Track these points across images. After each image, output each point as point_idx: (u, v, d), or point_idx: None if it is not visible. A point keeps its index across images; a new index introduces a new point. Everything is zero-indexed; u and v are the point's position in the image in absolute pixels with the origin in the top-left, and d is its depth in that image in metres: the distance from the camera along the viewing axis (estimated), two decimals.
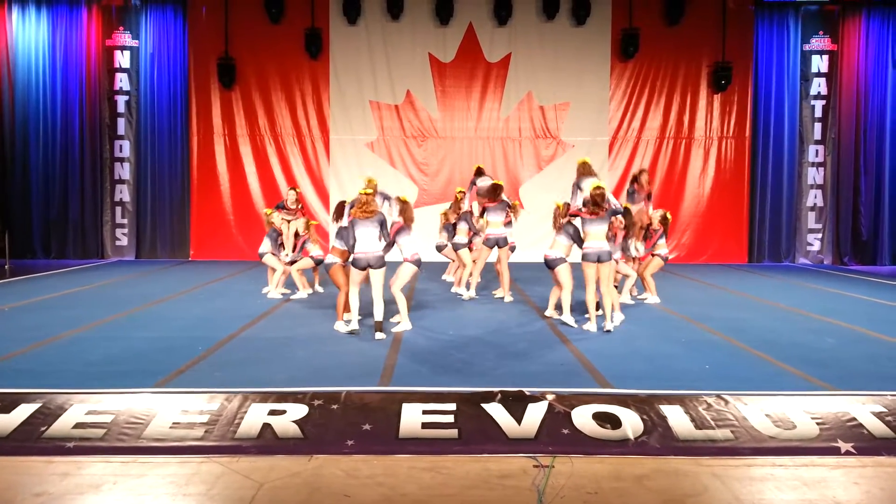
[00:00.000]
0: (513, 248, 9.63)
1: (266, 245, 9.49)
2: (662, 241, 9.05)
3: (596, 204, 7.35)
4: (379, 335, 6.99)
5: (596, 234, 7.36)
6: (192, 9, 14.48)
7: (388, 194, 8.56)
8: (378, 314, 7.14)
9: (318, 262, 9.45)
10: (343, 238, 7.35)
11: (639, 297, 9.42)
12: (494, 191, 9.23)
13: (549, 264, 7.70)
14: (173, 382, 5.25)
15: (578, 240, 7.59)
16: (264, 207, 14.48)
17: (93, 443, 4.12)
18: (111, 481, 3.72)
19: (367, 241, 7.05)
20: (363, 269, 7.10)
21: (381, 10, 14.46)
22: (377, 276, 7.12)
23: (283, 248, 9.61)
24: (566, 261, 7.66)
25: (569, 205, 7.89)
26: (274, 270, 9.55)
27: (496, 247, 9.20)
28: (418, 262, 7.40)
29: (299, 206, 10.08)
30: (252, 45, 14.44)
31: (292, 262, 9.55)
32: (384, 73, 14.69)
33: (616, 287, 9.28)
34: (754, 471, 3.91)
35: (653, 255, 9.06)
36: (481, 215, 9.48)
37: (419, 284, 10.80)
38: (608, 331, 7.28)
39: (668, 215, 9.18)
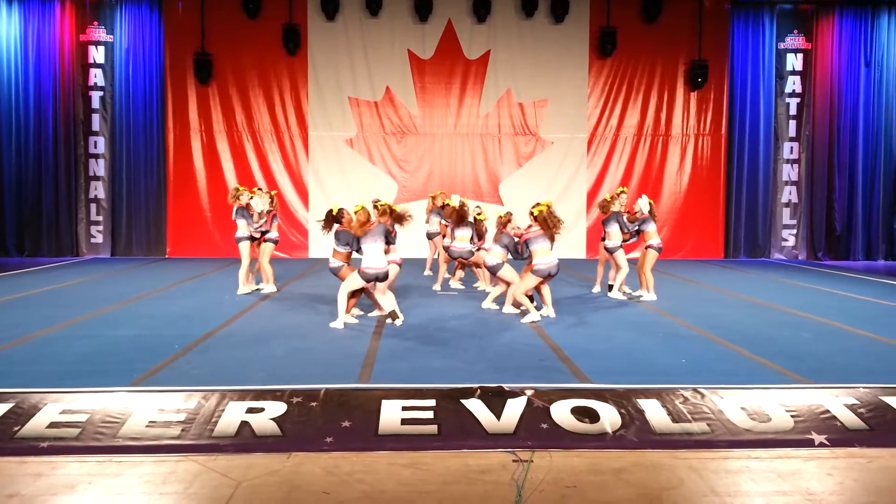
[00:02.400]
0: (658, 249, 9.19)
1: (243, 228, 9.21)
2: (653, 230, 9.06)
3: (544, 221, 7.60)
4: (398, 321, 7.38)
5: (544, 251, 7.64)
6: (168, 4, 14.31)
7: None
8: (389, 305, 7.46)
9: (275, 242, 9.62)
10: (343, 240, 7.47)
11: (633, 294, 9.26)
12: (459, 216, 9.17)
13: (491, 270, 8.05)
14: (149, 381, 5.19)
15: (514, 251, 7.82)
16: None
17: (67, 442, 4.06)
18: (86, 481, 3.67)
19: (375, 256, 7.21)
20: (369, 281, 7.28)
21: (359, 5, 14.39)
22: (382, 284, 7.43)
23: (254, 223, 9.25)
24: (505, 263, 7.94)
25: (511, 213, 8.06)
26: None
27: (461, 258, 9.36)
28: (400, 263, 7.85)
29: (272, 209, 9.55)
30: (229, 40, 14.30)
31: (262, 235, 9.39)
32: (363, 69, 14.63)
33: (611, 286, 9.30)
34: (730, 463, 3.95)
35: (646, 248, 9.04)
36: (452, 234, 9.34)
37: (399, 281, 10.78)
38: (549, 316, 7.86)
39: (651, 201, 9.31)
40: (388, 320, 7.47)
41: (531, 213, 7.78)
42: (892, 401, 4.65)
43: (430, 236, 10.96)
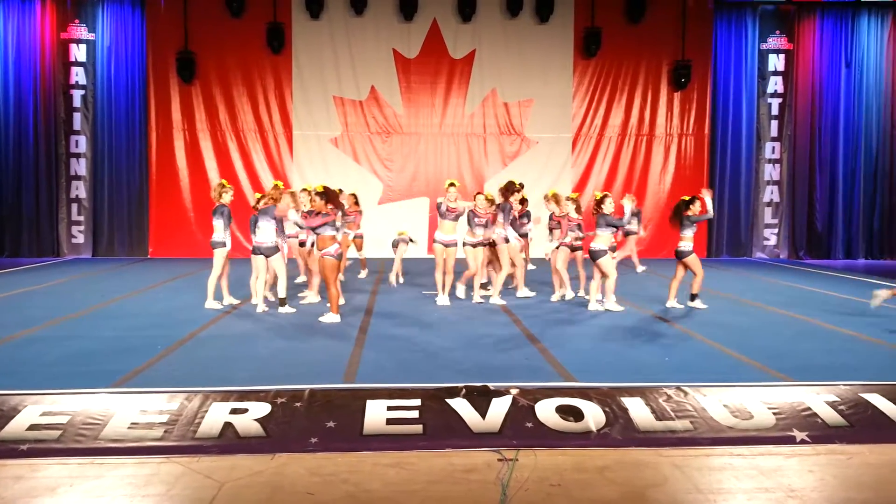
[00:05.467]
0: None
1: (220, 232, 8.21)
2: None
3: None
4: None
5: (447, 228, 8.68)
6: (151, 1, 14.19)
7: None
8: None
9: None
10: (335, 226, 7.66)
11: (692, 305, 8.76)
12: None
13: (594, 256, 8.26)
14: (132, 382, 5.15)
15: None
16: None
17: (48, 444, 4.02)
18: (67, 483, 3.63)
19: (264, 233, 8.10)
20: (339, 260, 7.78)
21: (344, 4, 14.35)
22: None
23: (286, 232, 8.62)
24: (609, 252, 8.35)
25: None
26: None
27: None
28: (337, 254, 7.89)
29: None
30: (212, 39, 14.21)
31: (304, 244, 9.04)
32: (348, 68, 14.59)
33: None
34: (713, 460, 3.98)
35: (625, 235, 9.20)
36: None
37: (385, 281, 10.77)
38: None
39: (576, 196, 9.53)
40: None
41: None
42: (871, 398, 4.70)
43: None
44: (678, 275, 8.67)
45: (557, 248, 9.10)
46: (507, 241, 8.88)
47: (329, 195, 7.63)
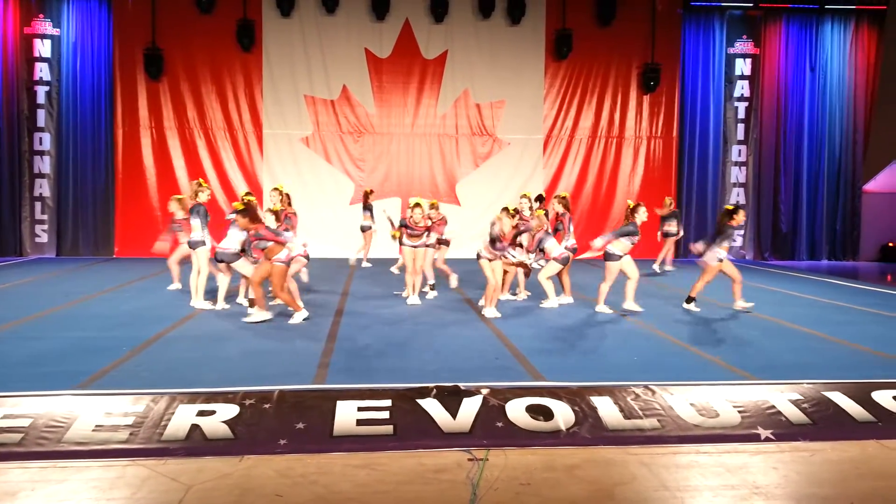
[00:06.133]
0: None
1: (198, 231, 8.21)
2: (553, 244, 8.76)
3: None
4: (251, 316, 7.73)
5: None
6: None
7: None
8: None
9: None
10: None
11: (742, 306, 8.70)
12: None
13: (609, 258, 8.44)
14: (96, 384, 5.05)
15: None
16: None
17: (8, 448, 3.92)
18: (28, 488, 3.55)
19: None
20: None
21: (315, 3, 14.27)
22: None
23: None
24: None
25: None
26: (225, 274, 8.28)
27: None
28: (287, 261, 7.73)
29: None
30: (181, 35, 14.01)
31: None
32: (319, 67, 14.50)
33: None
34: (680, 458, 4.04)
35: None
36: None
37: (356, 282, 10.72)
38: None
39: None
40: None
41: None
42: (834, 396, 4.81)
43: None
44: (705, 278, 8.51)
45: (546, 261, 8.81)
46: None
47: (250, 212, 7.54)
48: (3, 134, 13.82)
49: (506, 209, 8.04)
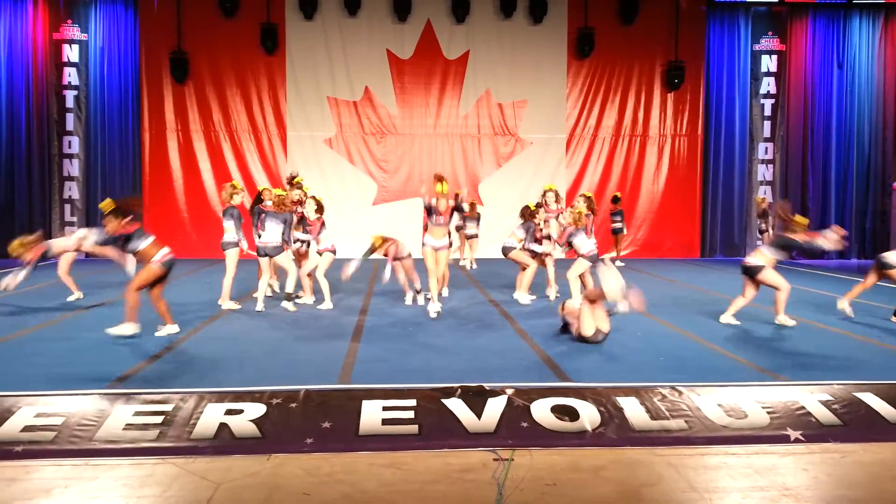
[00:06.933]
0: None
1: (231, 233, 8.28)
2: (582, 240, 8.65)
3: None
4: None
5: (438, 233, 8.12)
6: (144, 2, 14.18)
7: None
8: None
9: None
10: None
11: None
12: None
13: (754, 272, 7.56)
14: (126, 383, 5.13)
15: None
16: (220, 204, 14.25)
17: (42, 446, 4.00)
18: (62, 485, 3.62)
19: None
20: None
21: (338, 5, 14.35)
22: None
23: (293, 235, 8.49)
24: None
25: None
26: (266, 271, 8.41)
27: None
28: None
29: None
30: (206, 39, 14.19)
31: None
32: (342, 69, 14.58)
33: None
34: (708, 459, 4.00)
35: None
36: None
37: (379, 282, 10.76)
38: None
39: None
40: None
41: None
42: (865, 396, 4.73)
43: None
44: (748, 295, 7.69)
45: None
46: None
47: (120, 212, 6.61)
48: (34, 138, 14.09)
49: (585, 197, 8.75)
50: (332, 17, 14.46)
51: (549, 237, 9.02)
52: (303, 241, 8.70)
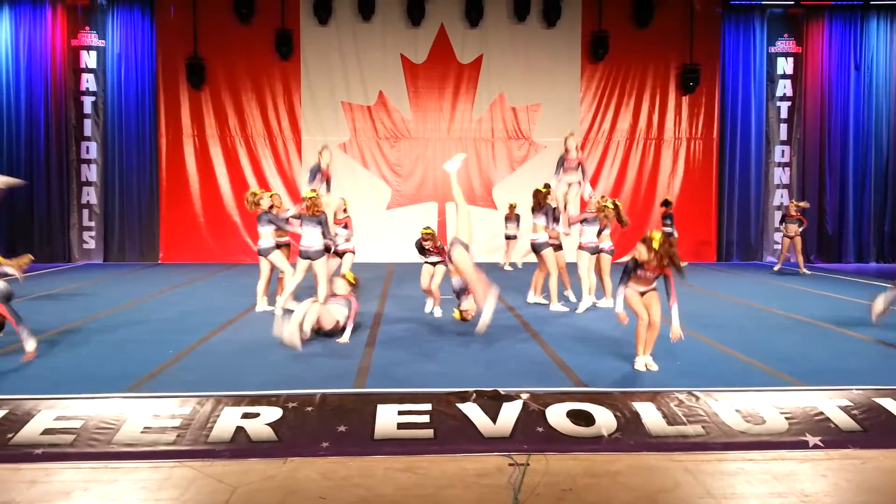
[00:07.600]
0: (610, 252, 8.90)
1: (269, 237, 8.33)
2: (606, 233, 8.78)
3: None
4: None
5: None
6: (160, 8, 14.30)
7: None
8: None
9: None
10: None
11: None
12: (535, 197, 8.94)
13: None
14: (144, 387, 5.17)
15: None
16: (235, 208, 14.35)
17: (62, 449, 4.04)
18: (81, 488, 3.66)
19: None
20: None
21: (352, 10, 14.41)
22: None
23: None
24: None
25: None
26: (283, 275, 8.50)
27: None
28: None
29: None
30: (221, 45, 14.29)
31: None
32: (356, 73, 14.64)
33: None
34: (725, 465, 3.97)
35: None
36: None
37: (394, 287, 10.77)
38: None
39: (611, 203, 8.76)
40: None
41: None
42: (885, 402, 4.68)
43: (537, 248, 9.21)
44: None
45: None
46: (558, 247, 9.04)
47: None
48: (52, 143, 14.26)
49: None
50: (346, 23, 14.53)
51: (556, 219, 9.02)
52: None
